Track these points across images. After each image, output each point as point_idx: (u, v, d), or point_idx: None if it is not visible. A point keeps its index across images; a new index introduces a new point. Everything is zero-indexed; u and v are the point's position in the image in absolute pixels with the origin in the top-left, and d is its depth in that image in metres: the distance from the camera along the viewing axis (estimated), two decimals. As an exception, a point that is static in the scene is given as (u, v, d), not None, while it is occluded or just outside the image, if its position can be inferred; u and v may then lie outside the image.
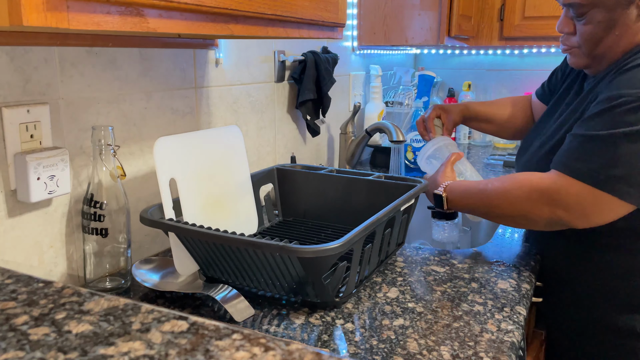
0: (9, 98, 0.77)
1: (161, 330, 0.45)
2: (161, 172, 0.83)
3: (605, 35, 0.95)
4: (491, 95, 2.39)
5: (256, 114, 1.35)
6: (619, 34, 0.94)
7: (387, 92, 2.13)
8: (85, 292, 0.52)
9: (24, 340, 0.43)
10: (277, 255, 0.76)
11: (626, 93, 0.86)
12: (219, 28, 0.66)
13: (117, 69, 0.94)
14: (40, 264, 0.84)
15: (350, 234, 0.76)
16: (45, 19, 0.45)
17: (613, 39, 0.95)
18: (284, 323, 0.78)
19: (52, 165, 0.79)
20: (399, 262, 1.01)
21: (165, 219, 0.84)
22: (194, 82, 1.12)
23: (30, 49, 0.79)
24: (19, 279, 0.56)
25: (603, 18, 0.94)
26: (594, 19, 0.95)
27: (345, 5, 0.95)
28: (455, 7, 1.76)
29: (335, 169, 1.16)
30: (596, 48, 0.97)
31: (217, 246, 0.80)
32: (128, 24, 0.53)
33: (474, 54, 2.42)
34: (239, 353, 0.41)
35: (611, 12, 0.93)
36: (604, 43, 0.96)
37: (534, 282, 0.96)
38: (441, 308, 0.83)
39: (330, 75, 1.51)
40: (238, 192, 1.02)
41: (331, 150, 1.78)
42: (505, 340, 0.74)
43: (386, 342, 0.73)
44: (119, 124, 0.95)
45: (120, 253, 0.88)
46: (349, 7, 1.80)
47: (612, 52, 0.96)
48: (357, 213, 1.07)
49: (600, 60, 0.99)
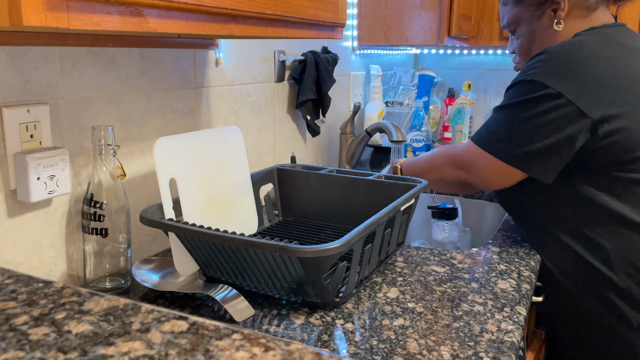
0: (9, 98, 0.77)
1: (161, 330, 0.45)
2: (161, 172, 0.83)
3: (531, 45, 1.12)
4: (491, 95, 2.39)
5: (256, 114, 1.35)
6: (540, 42, 1.10)
7: (387, 92, 2.13)
8: (85, 292, 0.52)
9: (24, 340, 0.43)
10: (277, 255, 0.75)
11: (519, 76, 1.01)
12: (219, 28, 0.66)
13: (117, 69, 0.94)
14: (40, 264, 0.84)
15: (350, 234, 0.76)
16: (45, 19, 0.44)
17: (537, 47, 1.10)
18: (284, 323, 0.78)
19: (52, 165, 0.79)
20: (399, 262, 1.01)
21: (165, 219, 0.84)
22: (194, 82, 1.12)
23: (30, 49, 0.79)
24: (19, 279, 0.56)
25: (525, 31, 1.12)
26: (521, 34, 1.13)
27: (345, 5, 0.94)
28: (455, 7, 1.76)
29: (335, 169, 1.16)
30: (528, 58, 1.10)
31: (217, 246, 0.80)
32: (128, 24, 0.53)
33: (474, 54, 2.42)
34: (239, 353, 0.41)
35: (530, 25, 1.11)
36: (532, 52, 1.09)
37: (534, 282, 0.97)
38: (441, 308, 0.83)
39: (330, 75, 1.51)
40: (238, 192, 1.02)
41: (331, 150, 1.78)
42: (505, 340, 0.74)
43: (386, 342, 0.73)
44: (119, 124, 0.95)
45: (120, 253, 0.88)
46: (349, 7, 1.80)
47: None
48: (357, 213, 1.07)
49: None
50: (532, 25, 1.11)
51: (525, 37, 1.13)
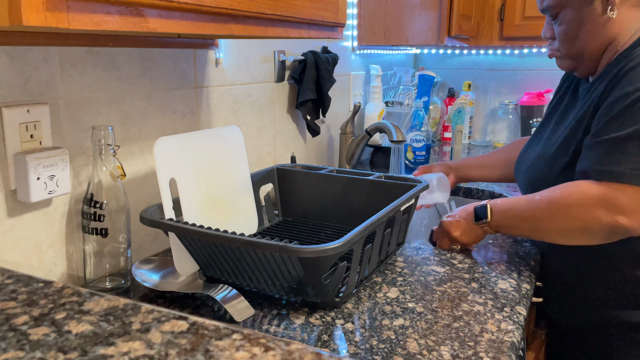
0: (9, 98, 0.77)
1: (161, 330, 0.45)
2: (161, 172, 0.83)
3: (577, 32, 1.00)
4: (491, 95, 2.39)
5: (256, 114, 1.35)
6: (590, 29, 0.99)
7: (387, 92, 2.13)
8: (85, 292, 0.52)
9: (24, 340, 0.43)
10: (277, 255, 0.75)
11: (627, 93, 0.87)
12: (219, 28, 0.66)
13: (117, 69, 0.94)
14: (40, 264, 0.84)
15: (351, 234, 0.76)
16: (45, 19, 0.44)
17: (585, 35, 1.00)
18: (284, 323, 0.78)
19: (52, 165, 0.79)
20: (399, 262, 1.01)
21: (166, 219, 0.84)
22: (194, 82, 1.12)
23: (30, 49, 0.79)
24: (19, 279, 0.56)
25: (572, 16, 1.00)
26: (565, 19, 1.01)
27: (345, 5, 0.94)
28: (455, 7, 1.76)
29: (335, 169, 1.16)
30: (573, 46, 1.02)
31: (217, 246, 0.80)
32: (128, 24, 0.53)
33: (474, 54, 2.42)
34: (239, 353, 0.41)
35: (578, 10, 0.99)
36: (579, 40, 1.01)
37: (534, 282, 0.96)
38: (441, 308, 0.83)
39: (330, 75, 1.51)
40: (238, 192, 1.02)
41: (331, 150, 1.78)
42: (505, 340, 0.74)
43: (386, 342, 0.73)
44: (119, 124, 0.95)
45: (120, 253, 0.88)
46: (349, 7, 1.80)
47: (589, 48, 1.01)
48: (357, 213, 1.07)
49: (581, 59, 1.03)
50: (582, 11, 0.98)
51: (572, 23, 1.00)
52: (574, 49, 1.02)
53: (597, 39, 0.99)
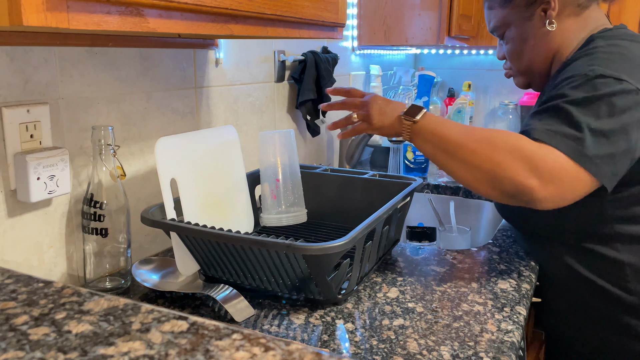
0: (9, 98, 0.77)
1: (161, 330, 0.45)
2: (163, 172, 0.83)
3: (522, 48, 1.05)
4: (491, 96, 2.39)
5: (256, 114, 1.35)
6: (533, 44, 1.04)
7: (387, 92, 2.13)
8: (85, 292, 0.52)
9: (24, 340, 0.43)
10: (282, 254, 0.76)
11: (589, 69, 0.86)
12: (219, 28, 0.66)
13: (117, 69, 0.94)
14: (40, 264, 0.84)
15: (355, 231, 0.77)
16: (45, 19, 0.44)
17: (530, 50, 1.04)
18: (284, 323, 0.79)
19: (52, 165, 0.79)
20: (399, 262, 1.01)
21: (168, 219, 0.84)
22: (194, 82, 1.12)
23: (30, 49, 0.79)
24: (19, 279, 0.56)
25: (515, 34, 1.05)
26: (510, 37, 1.06)
27: (345, 5, 0.95)
28: (455, 7, 1.76)
29: (329, 168, 1.16)
30: (521, 63, 1.07)
31: (220, 245, 0.80)
32: (128, 24, 0.53)
33: (474, 54, 2.42)
34: (239, 353, 0.41)
35: (520, 27, 1.04)
36: (525, 56, 1.05)
37: (534, 282, 0.97)
38: (441, 308, 0.83)
39: (330, 75, 1.51)
40: (235, 192, 1.02)
41: (331, 150, 1.78)
42: (505, 340, 0.74)
43: (386, 342, 0.73)
44: (119, 124, 0.95)
45: (120, 253, 0.88)
46: (349, 7, 1.80)
47: (536, 62, 1.05)
48: (353, 211, 1.08)
49: (531, 75, 1.08)
50: (523, 27, 1.04)
51: (516, 40, 1.05)
52: (522, 65, 1.07)
53: (542, 53, 1.03)
